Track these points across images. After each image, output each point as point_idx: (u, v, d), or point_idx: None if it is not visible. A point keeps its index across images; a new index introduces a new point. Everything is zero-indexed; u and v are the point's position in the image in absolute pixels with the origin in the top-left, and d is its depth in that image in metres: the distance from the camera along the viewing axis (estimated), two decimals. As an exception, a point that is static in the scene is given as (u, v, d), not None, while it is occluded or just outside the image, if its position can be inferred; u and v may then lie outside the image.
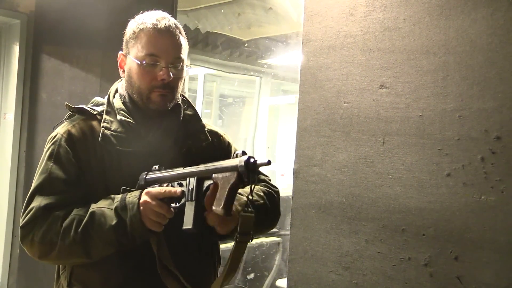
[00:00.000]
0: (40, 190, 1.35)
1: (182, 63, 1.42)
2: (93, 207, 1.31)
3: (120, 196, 1.32)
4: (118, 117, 1.41)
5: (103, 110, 1.45)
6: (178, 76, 1.41)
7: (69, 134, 1.39)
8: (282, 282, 3.57)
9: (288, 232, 1.92)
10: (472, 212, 1.27)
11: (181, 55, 1.41)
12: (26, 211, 1.33)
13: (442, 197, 1.32)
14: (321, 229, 1.57)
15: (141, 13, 1.45)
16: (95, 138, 1.40)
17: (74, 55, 3.14)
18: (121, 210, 1.27)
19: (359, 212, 1.49)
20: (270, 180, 1.58)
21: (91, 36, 2.96)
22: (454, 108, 1.32)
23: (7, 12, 3.21)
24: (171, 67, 1.38)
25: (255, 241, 3.68)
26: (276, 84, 5.28)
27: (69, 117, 1.48)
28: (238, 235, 1.18)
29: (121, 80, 1.50)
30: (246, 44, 4.11)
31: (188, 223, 1.21)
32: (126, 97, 1.45)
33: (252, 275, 3.86)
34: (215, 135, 1.57)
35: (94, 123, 1.43)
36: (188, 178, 1.25)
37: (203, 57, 4.12)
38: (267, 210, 1.46)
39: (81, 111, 1.45)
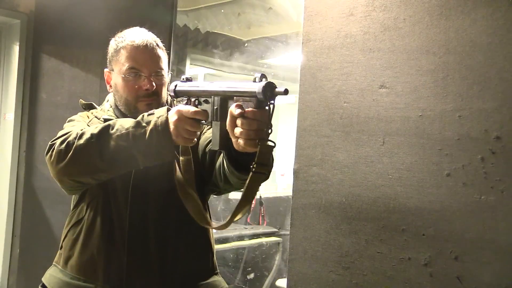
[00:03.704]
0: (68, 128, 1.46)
1: (163, 72, 1.51)
2: None
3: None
4: (105, 116, 1.52)
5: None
6: (161, 83, 1.50)
7: (80, 115, 1.57)
8: (282, 282, 3.56)
9: (288, 232, 1.92)
10: (472, 212, 1.27)
11: (161, 66, 1.51)
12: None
13: (442, 197, 1.32)
14: (321, 229, 1.57)
15: (121, 31, 1.55)
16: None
17: (74, 55, 3.14)
18: (147, 114, 1.30)
19: (359, 212, 1.49)
20: None
21: (91, 36, 2.95)
22: (454, 108, 1.32)
23: (7, 12, 3.21)
24: (153, 75, 1.48)
25: (255, 241, 3.68)
26: (276, 84, 5.25)
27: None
28: (255, 165, 1.12)
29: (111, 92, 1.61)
30: (246, 44, 4.10)
31: (215, 144, 1.22)
32: (113, 107, 1.57)
33: (252, 275, 3.86)
34: None
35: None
36: (213, 97, 1.24)
37: (203, 57, 4.11)
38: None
39: (90, 106, 1.63)
